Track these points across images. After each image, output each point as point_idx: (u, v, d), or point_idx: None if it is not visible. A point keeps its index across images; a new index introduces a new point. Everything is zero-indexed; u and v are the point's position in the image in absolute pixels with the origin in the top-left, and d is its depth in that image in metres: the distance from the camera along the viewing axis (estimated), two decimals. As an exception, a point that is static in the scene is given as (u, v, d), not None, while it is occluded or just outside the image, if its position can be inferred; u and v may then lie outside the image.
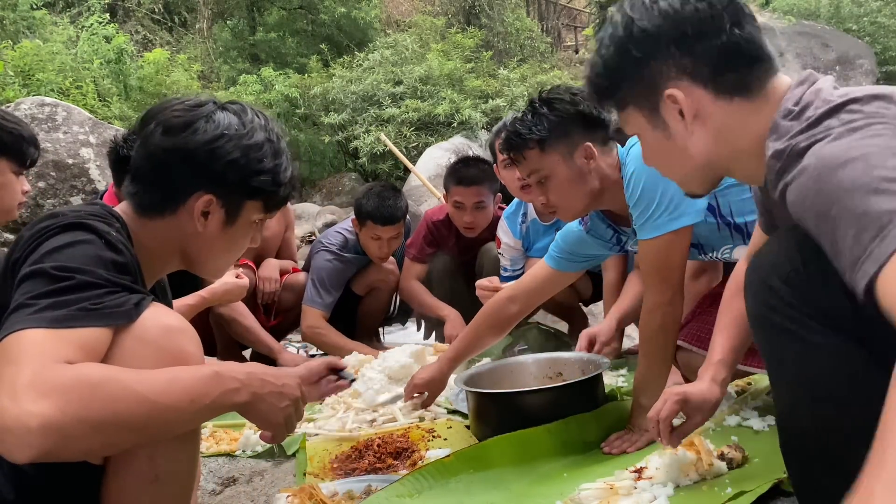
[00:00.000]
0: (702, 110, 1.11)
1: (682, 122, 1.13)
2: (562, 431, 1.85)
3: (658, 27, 1.10)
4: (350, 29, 12.96)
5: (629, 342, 3.14)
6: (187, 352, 1.06)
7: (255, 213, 1.30)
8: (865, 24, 11.20)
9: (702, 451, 1.54)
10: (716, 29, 1.08)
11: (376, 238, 3.19)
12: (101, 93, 9.01)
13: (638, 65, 1.12)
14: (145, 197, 1.23)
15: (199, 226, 1.23)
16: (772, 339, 1.09)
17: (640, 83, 1.14)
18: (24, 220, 3.35)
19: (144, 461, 1.05)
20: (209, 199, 1.22)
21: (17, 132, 2.07)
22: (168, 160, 1.21)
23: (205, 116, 1.22)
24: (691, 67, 1.10)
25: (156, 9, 12.88)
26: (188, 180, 1.21)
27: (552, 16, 16.74)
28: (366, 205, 3.16)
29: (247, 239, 1.33)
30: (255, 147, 1.24)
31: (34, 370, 0.89)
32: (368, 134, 9.44)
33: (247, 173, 1.23)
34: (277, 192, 1.29)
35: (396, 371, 2.53)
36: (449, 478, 1.69)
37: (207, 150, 1.20)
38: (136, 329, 1.04)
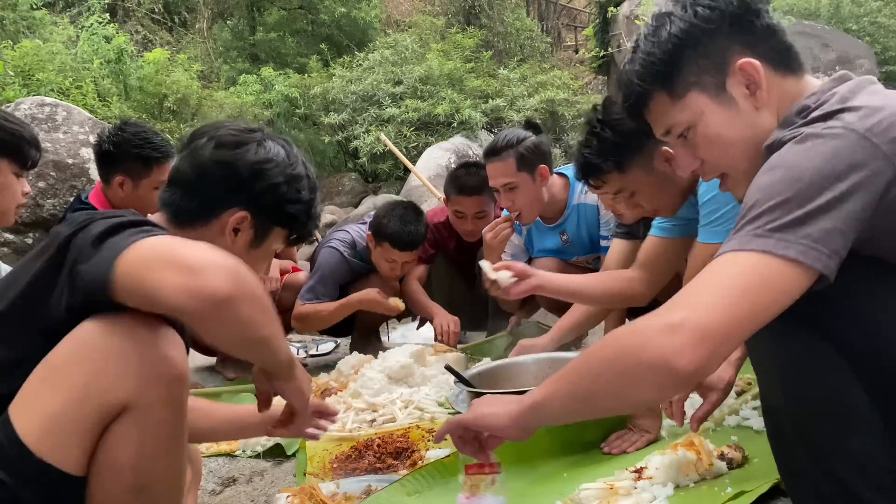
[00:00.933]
0: (767, 84, 1.14)
1: (749, 98, 1.15)
2: (561, 431, 1.85)
3: (724, 3, 1.14)
4: (350, 29, 12.96)
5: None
6: (170, 359, 1.05)
7: (278, 241, 1.36)
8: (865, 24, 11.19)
9: (702, 451, 1.54)
10: (763, 12, 1.15)
11: (391, 260, 3.10)
12: (101, 93, 9.01)
13: (704, 42, 1.15)
14: (183, 203, 1.27)
15: (228, 240, 1.27)
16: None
17: (706, 61, 1.15)
18: (23, 221, 3.35)
19: (128, 472, 1.03)
20: (244, 216, 1.27)
21: (19, 133, 2.07)
22: (214, 172, 1.27)
23: (257, 141, 1.30)
24: (755, 42, 1.15)
25: (156, 9, 12.89)
26: (228, 194, 1.27)
27: (552, 16, 16.74)
28: (386, 226, 3.03)
29: (263, 266, 1.38)
30: (297, 178, 1.33)
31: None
32: (368, 134, 9.44)
33: (284, 200, 1.31)
34: (307, 223, 1.38)
35: (396, 371, 2.54)
36: (449, 478, 1.69)
37: (254, 169, 1.27)
38: (115, 335, 1.02)
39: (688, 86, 1.17)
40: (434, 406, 2.35)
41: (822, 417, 1.06)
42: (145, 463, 1.04)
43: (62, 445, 1.00)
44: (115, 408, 1.02)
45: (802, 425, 1.08)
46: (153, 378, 1.03)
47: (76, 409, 1.01)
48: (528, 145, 2.71)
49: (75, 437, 1.01)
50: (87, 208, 2.66)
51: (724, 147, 1.17)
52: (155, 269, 0.96)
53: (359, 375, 2.59)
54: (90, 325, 1.03)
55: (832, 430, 1.05)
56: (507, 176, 2.70)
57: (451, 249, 3.36)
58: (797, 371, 1.07)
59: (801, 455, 1.09)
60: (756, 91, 1.14)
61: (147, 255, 0.98)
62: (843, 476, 1.04)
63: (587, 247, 2.95)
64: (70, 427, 1.01)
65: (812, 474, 1.07)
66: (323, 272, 3.19)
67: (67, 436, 1.01)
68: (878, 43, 11.10)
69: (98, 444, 1.03)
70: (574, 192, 2.89)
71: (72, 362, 1.02)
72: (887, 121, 0.97)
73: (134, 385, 1.02)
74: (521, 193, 2.72)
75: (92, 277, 0.99)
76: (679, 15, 1.15)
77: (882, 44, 11.15)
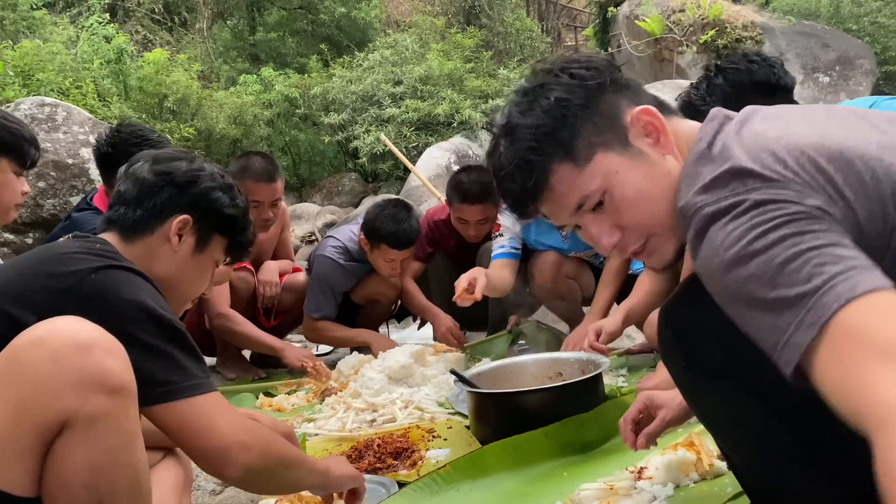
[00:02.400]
0: (664, 127, 1.07)
1: (655, 147, 1.06)
2: (559, 434, 1.85)
3: (596, 63, 1.10)
4: (350, 29, 12.96)
5: (629, 342, 3.14)
6: (107, 368, 1.00)
7: (220, 250, 1.44)
8: (865, 24, 11.19)
9: (702, 451, 1.54)
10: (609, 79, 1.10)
11: (390, 260, 3.11)
12: (101, 93, 9.01)
13: (594, 101, 1.07)
14: (128, 216, 1.35)
15: (174, 245, 1.35)
16: (676, 381, 1.20)
17: (601, 118, 1.06)
18: (23, 221, 3.35)
19: (80, 490, 0.99)
20: (185, 219, 1.36)
21: (19, 132, 2.07)
22: (154, 182, 1.37)
23: (190, 158, 1.43)
24: (634, 94, 1.09)
25: (156, 9, 12.88)
26: (168, 201, 1.36)
27: (552, 16, 16.74)
28: (381, 228, 3.04)
29: (207, 276, 1.45)
30: (230, 187, 1.43)
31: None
32: (368, 134, 9.44)
33: (220, 203, 1.40)
34: (244, 230, 1.46)
35: (396, 371, 2.53)
36: (447, 487, 1.68)
37: (190, 176, 1.38)
38: (46, 348, 0.99)
39: (592, 148, 1.05)
40: (434, 406, 2.35)
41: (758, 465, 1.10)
42: (97, 477, 1.00)
43: (4, 468, 0.97)
44: (53, 423, 0.98)
45: (745, 473, 1.16)
46: (90, 390, 0.98)
47: (12, 429, 0.97)
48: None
49: (15, 456, 0.98)
50: (92, 210, 2.67)
51: (648, 204, 1.06)
52: (191, 445, 1.16)
53: (359, 375, 2.59)
54: (20, 341, 1.00)
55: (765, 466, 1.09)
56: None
57: (450, 247, 3.36)
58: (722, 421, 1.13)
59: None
60: (659, 137, 1.06)
61: (192, 424, 1.14)
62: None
63: (585, 243, 2.96)
64: (8, 448, 0.97)
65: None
66: (322, 285, 3.20)
67: (7, 457, 0.97)
68: (878, 43, 11.10)
69: (45, 462, 1.00)
70: None
71: (4, 380, 0.99)
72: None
73: (70, 399, 0.98)
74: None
75: (151, 399, 1.12)
76: (555, 81, 1.08)
77: (882, 44, 11.14)
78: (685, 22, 10.04)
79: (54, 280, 1.14)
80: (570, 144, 1.06)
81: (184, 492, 1.47)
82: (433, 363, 2.68)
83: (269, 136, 10.59)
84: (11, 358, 1.00)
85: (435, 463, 1.87)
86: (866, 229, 0.85)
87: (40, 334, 1.00)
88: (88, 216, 2.65)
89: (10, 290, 1.13)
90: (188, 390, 1.14)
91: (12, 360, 1.00)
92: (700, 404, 1.17)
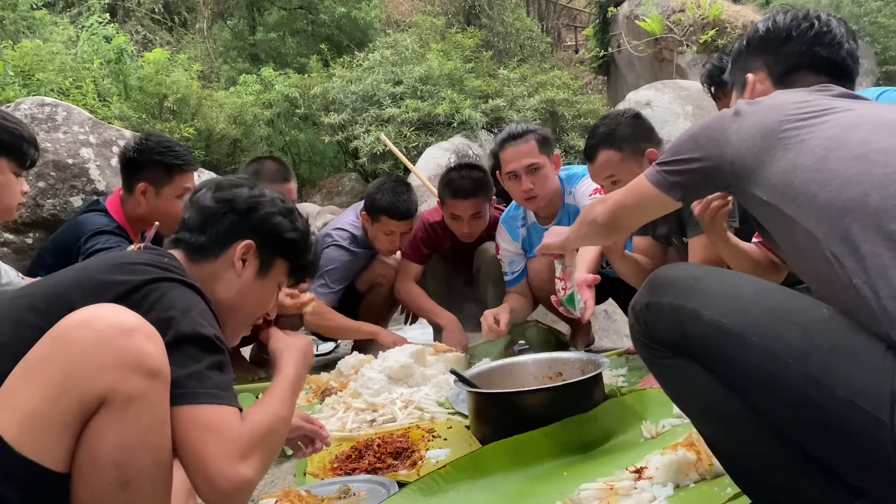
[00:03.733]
0: (760, 94, 1.41)
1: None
2: (559, 434, 1.85)
3: (764, 31, 1.48)
4: (350, 29, 12.97)
5: (629, 342, 3.14)
6: (147, 352, 1.06)
7: (282, 273, 1.47)
8: (865, 24, 11.18)
9: (702, 451, 1.54)
10: (797, 40, 1.43)
11: (389, 233, 3.21)
12: (101, 93, 9.01)
13: (743, 56, 1.52)
14: (193, 241, 1.39)
15: (237, 270, 1.39)
16: (648, 367, 1.29)
17: (740, 69, 1.52)
18: (24, 221, 3.35)
19: (110, 468, 1.03)
20: (249, 245, 1.40)
21: (18, 132, 2.07)
22: (217, 209, 1.41)
23: (250, 185, 1.46)
24: (770, 64, 1.45)
25: (156, 9, 12.89)
26: (232, 227, 1.40)
27: (552, 16, 16.75)
28: (380, 200, 3.17)
29: (271, 300, 1.48)
30: (290, 211, 1.47)
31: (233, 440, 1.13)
32: (368, 134, 9.44)
33: (282, 228, 1.44)
34: (305, 253, 1.49)
35: (396, 371, 2.53)
36: (447, 487, 1.68)
37: (251, 202, 1.42)
38: (92, 329, 1.03)
39: (733, 82, 1.58)
40: (434, 406, 2.35)
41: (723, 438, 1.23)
42: (127, 457, 1.04)
43: (42, 441, 1.00)
44: (92, 402, 1.02)
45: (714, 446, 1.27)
46: (130, 370, 1.03)
47: (54, 404, 1.01)
48: (543, 131, 2.89)
49: (55, 432, 1.01)
50: (103, 214, 2.68)
51: None
52: (190, 461, 1.11)
53: (359, 375, 2.59)
54: (67, 322, 1.05)
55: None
56: (531, 156, 2.81)
57: (446, 249, 3.36)
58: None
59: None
60: (746, 95, 1.49)
61: (196, 438, 1.11)
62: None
63: None
64: (49, 422, 1.01)
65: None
66: (329, 271, 3.25)
67: (47, 431, 1.00)
68: (878, 43, 11.10)
69: (80, 439, 1.03)
70: (564, 193, 2.98)
71: (49, 358, 1.03)
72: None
73: (111, 378, 1.02)
74: (542, 176, 2.83)
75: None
76: (744, 35, 1.56)
77: (882, 44, 11.14)
78: (685, 22, 10.04)
79: (117, 285, 1.17)
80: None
81: (189, 493, 1.47)
82: (433, 363, 2.68)
83: (269, 136, 10.59)
84: (58, 337, 1.04)
85: (435, 463, 1.87)
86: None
87: (87, 316, 1.05)
88: (93, 217, 2.66)
89: (81, 285, 1.18)
90: (202, 397, 1.13)
91: (59, 339, 1.04)
92: (667, 382, 1.27)
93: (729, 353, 1.09)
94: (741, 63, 1.52)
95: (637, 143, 2.42)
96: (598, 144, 2.44)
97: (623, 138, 2.42)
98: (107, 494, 1.04)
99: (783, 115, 1.21)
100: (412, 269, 3.34)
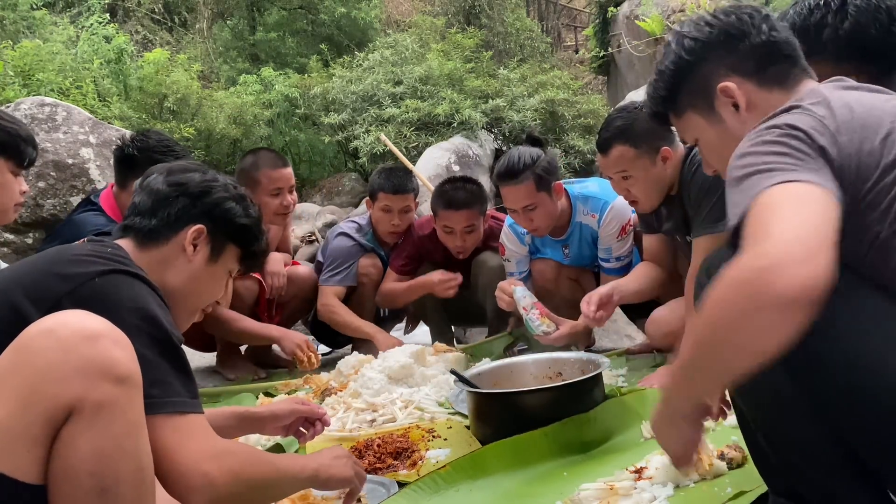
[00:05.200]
0: (751, 100, 1.25)
1: (736, 115, 1.26)
2: (559, 434, 1.85)
3: (706, 34, 1.28)
4: (350, 29, 12.96)
5: (629, 342, 3.14)
6: (114, 357, 1.03)
7: (233, 260, 1.45)
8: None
9: (702, 451, 1.54)
10: (756, 30, 1.26)
11: (387, 210, 3.27)
12: (101, 93, 9.00)
13: (691, 69, 1.30)
14: (144, 225, 1.37)
15: (188, 255, 1.37)
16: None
17: (695, 85, 1.30)
18: (23, 221, 3.34)
19: (86, 477, 1.00)
20: (200, 229, 1.38)
21: (15, 132, 2.06)
22: (168, 193, 1.39)
23: (203, 170, 1.46)
24: (737, 64, 1.26)
25: (156, 9, 12.89)
26: (183, 211, 1.38)
27: (552, 16, 16.76)
28: (377, 179, 3.34)
29: (221, 287, 1.46)
30: (243, 198, 1.46)
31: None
32: (368, 134, 9.44)
33: (234, 213, 1.43)
34: (257, 239, 1.48)
35: (396, 371, 2.53)
36: (447, 487, 1.68)
37: (203, 187, 1.41)
38: (54, 338, 1.01)
39: (684, 108, 1.33)
40: (434, 406, 2.35)
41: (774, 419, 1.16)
42: (102, 465, 1.01)
43: (11, 454, 0.98)
44: (60, 411, 0.99)
45: (760, 423, 1.20)
46: (97, 378, 1.01)
47: (21, 415, 0.98)
48: (543, 165, 2.74)
49: (23, 444, 0.99)
50: (97, 210, 2.67)
51: (719, 159, 1.30)
52: (167, 474, 1.13)
53: (359, 375, 2.59)
54: (30, 332, 1.03)
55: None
56: (528, 199, 2.73)
57: (438, 261, 3.33)
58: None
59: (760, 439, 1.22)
60: (739, 109, 1.26)
61: (167, 447, 1.12)
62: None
63: (585, 263, 3.04)
64: (16, 434, 0.98)
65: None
66: (334, 258, 3.32)
67: (15, 443, 0.98)
68: None
69: (52, 450, 1.01)
70: (576, 210, 2.92)
71: (13, 370, 1.00)
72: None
73: (77, 387, 0.99)
74: (540, 212, 2.76)
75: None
76: (673, 49, 1.32)
77: None
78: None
79: (60, 280, 1.15)
80: (673, 102, 1.37)
81: None
82: (433, 363, 2.68)
83: (269, 136, 10.58)
84: (21, 348, 1.02)
85: (435, 463, 1.87)
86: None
87: (49, 325, 1.03)
88: (90, 217, 2.65)
89: (23, 282, 1.16)
90: (167, 406, 1.13)
91: (22, 349, 1.02)
92: None
93: (810, 346, 0.98)
94: (690, 80, 1.31)
95: (654, 140, 2.32)
96: (612, 138, 2.36)
97: (640, 134, 2.32)
98: (84, 502, 1.02)
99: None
100: (390, 278, 3.36)
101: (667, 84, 1.34)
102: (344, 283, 3.30)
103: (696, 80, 1.30)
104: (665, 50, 1.36)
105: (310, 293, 3.39)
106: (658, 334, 2.62)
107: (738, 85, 1.25)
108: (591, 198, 2.90)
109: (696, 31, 1.29)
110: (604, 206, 2.85)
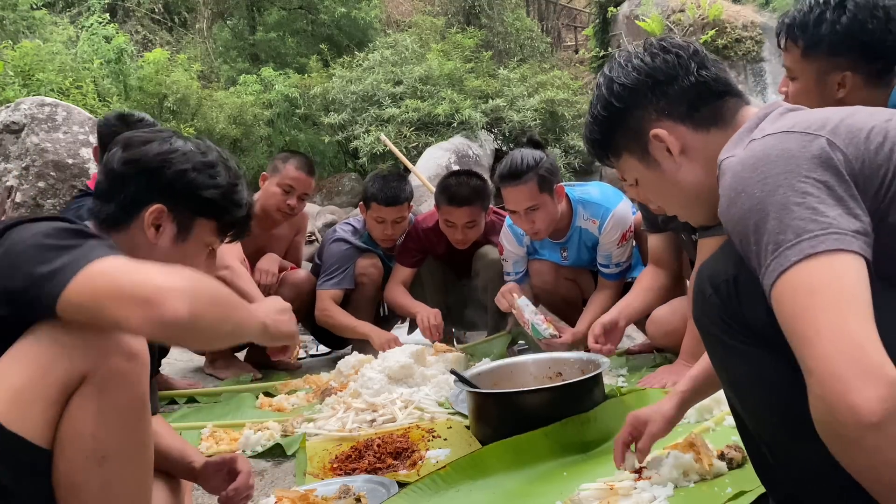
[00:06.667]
0: (686, 144, 1.22)
1: (670, 158, 1.22)
2: (559, 434, 1.84)
3: (634, 80, 1.23)
4: (350, 29, 12.97)
5: (629, 342, 3.14)
6: (126, 338, 1.06)
7: (208, 234, 1.35)
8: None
9: (702, 451, 1.54)
10: (684, 72, 1.21)
11: (381, 220, 3.26)
12: (101, 93, 9.01)
13: (622, 115, 1.25)
14: (103, 210, 1.29)
15: (150, 236, 1.28)
16: (706, 341, 1.19)
17: (628, 130, 1.26)
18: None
19: (88, 440, 1.05)
20: (159, 209, 1.28)
21: None
22: (124, 171, 1.29)
23: (161, 139, 1.32)
24: (668, 108, 1.22)
25: (156, 9, 12.89)
26: (140, 191, 1.28)
27: (552, 16, 16.76)
28: (370, 187, 3.30)
29: (199, 261, 1.34)
30: (209, 164, 1.32)
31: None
32: (368, 134, 9.45)
33: (196, 185, 1.30)
34: (230, 210, 1.35)
35: (396, 371, 2.53)
36: (447, 487, 1.68)
37: (160, 160, 1.29)
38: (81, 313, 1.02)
39: (620, 151, 1.30)
40: (434, 406, 2.35)
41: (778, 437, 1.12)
42: (104, 432, 1.05)
43: (27, 416, 1.02)
44: (75, 379, 1.04)
45: (764, 439, 1.16)
46: (110, 351, 1.05)
47: (39, 381, 1.03)
48: (546, 167, 2.75)
49: (39, 407, 1.03)
50: (90, 195, 2.66)
51: (661, 199, 1.31)
52: (112, 306, 0.97)
53: (359, 375, 2.59)
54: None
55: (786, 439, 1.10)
56: (530, 199, 2.73)
57: (440, 255, 3.34)
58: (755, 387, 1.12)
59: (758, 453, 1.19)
60: (673, 153, 1.22)
61: (100, 287, 0.99)
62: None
63: (583, 266, 3.05)
64: (34, 398, 1.03)
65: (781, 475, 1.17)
66: (331, 262, 3.31)
67: (32, 406, 1.02)
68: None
69: (62, 415, 1.05)
70: (576, 214, 2.92)
71: (38, 341, 1.05)
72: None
73: (93, 356, 1.04)
74: (542, 214, 2.76)
75: (46, 292, 0.99)
76: (604, 94, 1.27)
77: None
78: (685, 22, 10.05)
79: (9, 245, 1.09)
80: (607, 145, 1.31)
81: (187, 492, 1.47)
82: (433, 363, 2.68)
83: (269, 136, 10.60)
84: (47, 325, 1.05)
85: (435, 463, 1.87)
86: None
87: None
88: (86, 203, 2.64)
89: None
90: (82, 260, 1.00)
91: (48, 326, 1.05)
92: (731, 364, 1.16)
93: None
94: (622, 126, 1.26)
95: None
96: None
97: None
98: (85, 469, 1.05)
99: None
100: (402, 273, 3.34)
101: (600, 129, 1.30)
102: (340, 286, 3.30)
103: (628, 125, 1.25)
104: (596, 92, 1.31)
105: (307, 296, 3.39)
106: (658, 334, 2.62)
107: (670, 130, 1.21)
108: (592, 203, 2.90)
109: (625, 76, 1.24)
110: (605, 213, 2.85)
